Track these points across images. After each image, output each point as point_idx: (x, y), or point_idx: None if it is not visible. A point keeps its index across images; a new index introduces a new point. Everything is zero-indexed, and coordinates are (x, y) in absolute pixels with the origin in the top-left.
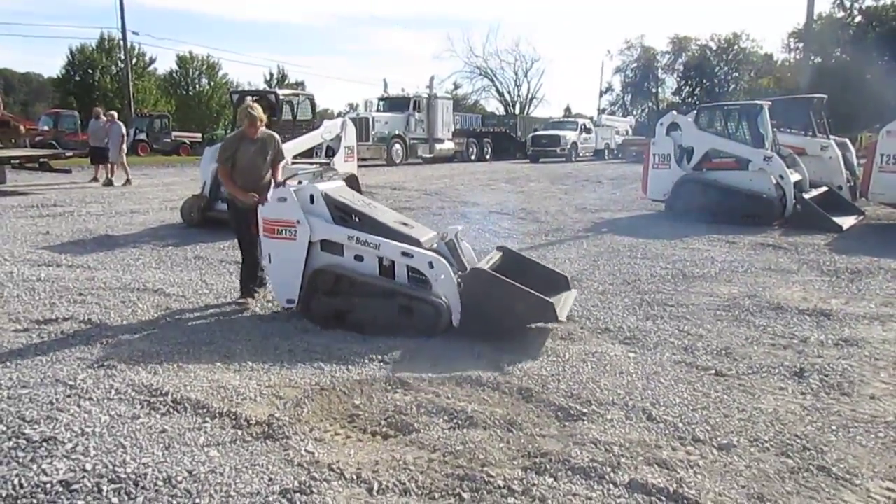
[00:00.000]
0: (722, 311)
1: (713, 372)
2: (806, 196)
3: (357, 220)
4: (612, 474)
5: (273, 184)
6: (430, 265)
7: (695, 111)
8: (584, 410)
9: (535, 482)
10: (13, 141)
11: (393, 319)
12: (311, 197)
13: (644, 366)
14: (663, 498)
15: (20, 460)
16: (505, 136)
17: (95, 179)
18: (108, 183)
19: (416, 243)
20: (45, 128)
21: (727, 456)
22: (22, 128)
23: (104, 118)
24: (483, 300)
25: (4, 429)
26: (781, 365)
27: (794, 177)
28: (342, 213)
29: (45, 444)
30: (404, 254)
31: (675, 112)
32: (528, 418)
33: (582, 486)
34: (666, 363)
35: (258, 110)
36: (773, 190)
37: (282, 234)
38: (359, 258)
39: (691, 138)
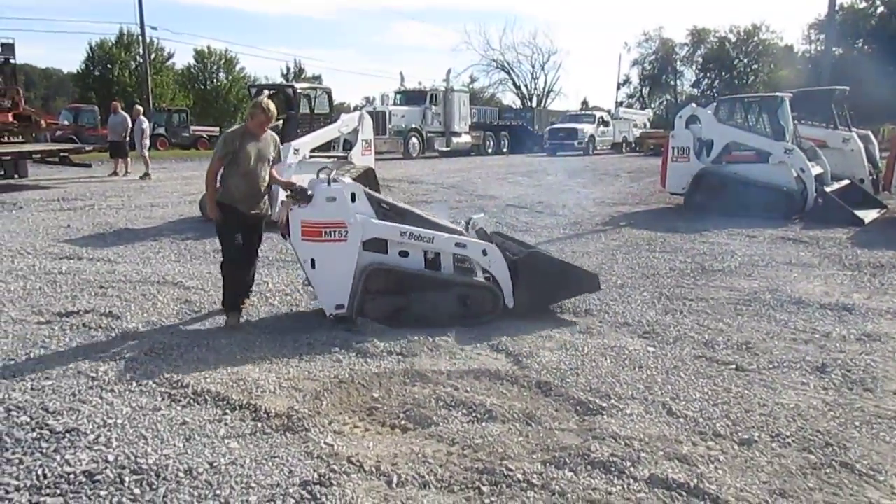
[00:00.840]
0: (742, 305)
1: (734, 366)
2: (827, 189)
3: (396, 215)
4: (631, 469)
5: (272, 188)
6: (484, 253)
7: (714, 104)
8: (604, 405)
9: (555, 476)
10: (34, 135)
11: (453, 310)
12: (353, 195)
13: (664, 360)
14: (684, 493)
15: (44, 451)
16: (522, 129)
17: (115, 173)
18: (146, 176)
19: (459, 234)
20: (66, 122)
21: (748, 451)
22: (43, 122)
23: (123, 113)
24: (540, 279)
25: (28, 419)
26: (803, 360)
27: (816, 170)
28: (384, 210)
29: (67, 434)
30: (458, 244)
31: (694, 105)
32: (546, 412)
33: (602, 480)
34: (686, 357)
35: (274, 107)
36: (794, 183)
37: (330, 237)
38: (404, 254)
39: (711, 131)
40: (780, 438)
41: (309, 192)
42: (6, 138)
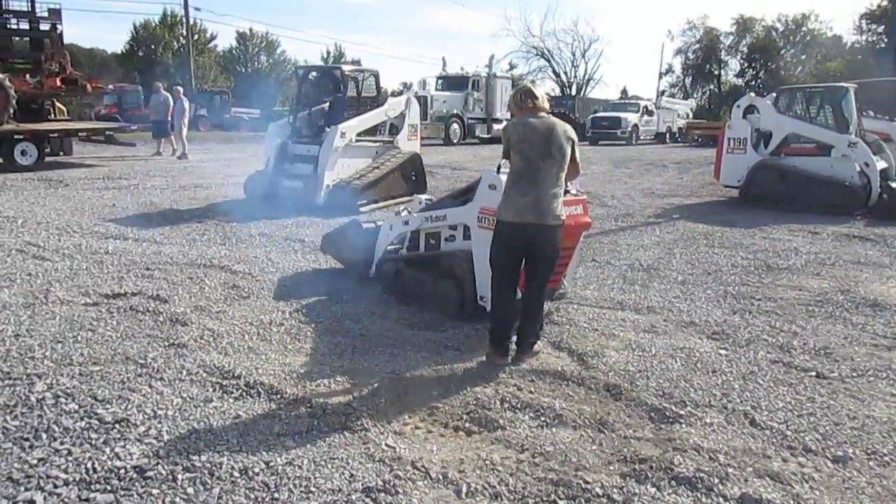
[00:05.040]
0: (814, 306)
1: (814, 374)
2: (892, 184)
3: None
4: (720, 486)
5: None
6: None
7: (774, 94)
8: (680, 412)
9: (636, 491)
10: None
11: None
12: None
13: (738, 364)
14: None
15: (93, 442)
16: (563, 117)
17: (159, 153)
18: (183, 156)
19: None
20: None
21: (844, 470)
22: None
23: (165, 93)
24: None
25: (77, 407)
26: (888, 368)
27: (880, 164)
28: None
29: (117, 425)
30: None
31: (752, 94)
32: (619, 418)
33: (688, 498)
34: (761, 362)
35: None
36: (857, 177)
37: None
38: None
39: (769, 122)
40: (878, 456)
41: None
42: (53, 115)
